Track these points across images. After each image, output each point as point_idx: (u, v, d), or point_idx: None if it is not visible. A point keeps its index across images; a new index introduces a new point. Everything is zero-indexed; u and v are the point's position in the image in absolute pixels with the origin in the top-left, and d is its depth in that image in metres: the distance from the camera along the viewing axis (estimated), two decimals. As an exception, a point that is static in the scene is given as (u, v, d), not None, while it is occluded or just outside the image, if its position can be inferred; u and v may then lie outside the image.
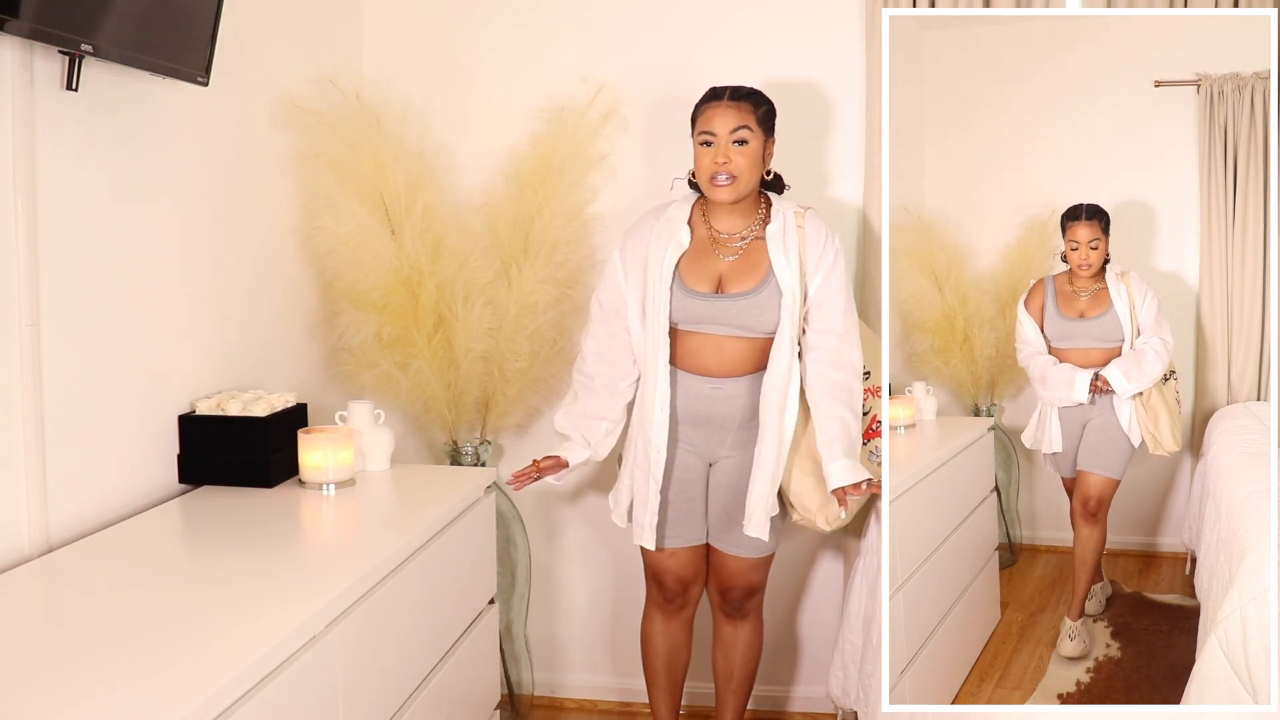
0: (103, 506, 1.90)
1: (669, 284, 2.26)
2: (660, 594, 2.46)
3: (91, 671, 1.28)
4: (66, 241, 1.80)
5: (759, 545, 2.35)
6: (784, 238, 2.24)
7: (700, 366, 2.29)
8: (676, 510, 2.36)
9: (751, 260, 2.27)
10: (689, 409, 2.31)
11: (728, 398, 2.29)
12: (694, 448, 2.34)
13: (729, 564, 2.39)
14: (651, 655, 2.53)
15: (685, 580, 2.43)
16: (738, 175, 2.20)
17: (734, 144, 2.20)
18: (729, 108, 2.21)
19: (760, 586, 2.45)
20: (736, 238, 2.29)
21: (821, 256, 2.25)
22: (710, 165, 2.21)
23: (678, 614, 2.48)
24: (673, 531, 2.37)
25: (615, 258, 2.36)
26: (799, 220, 2.27)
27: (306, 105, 2.50)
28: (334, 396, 2.69)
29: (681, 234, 2.28)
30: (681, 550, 2.39)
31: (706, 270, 2.28)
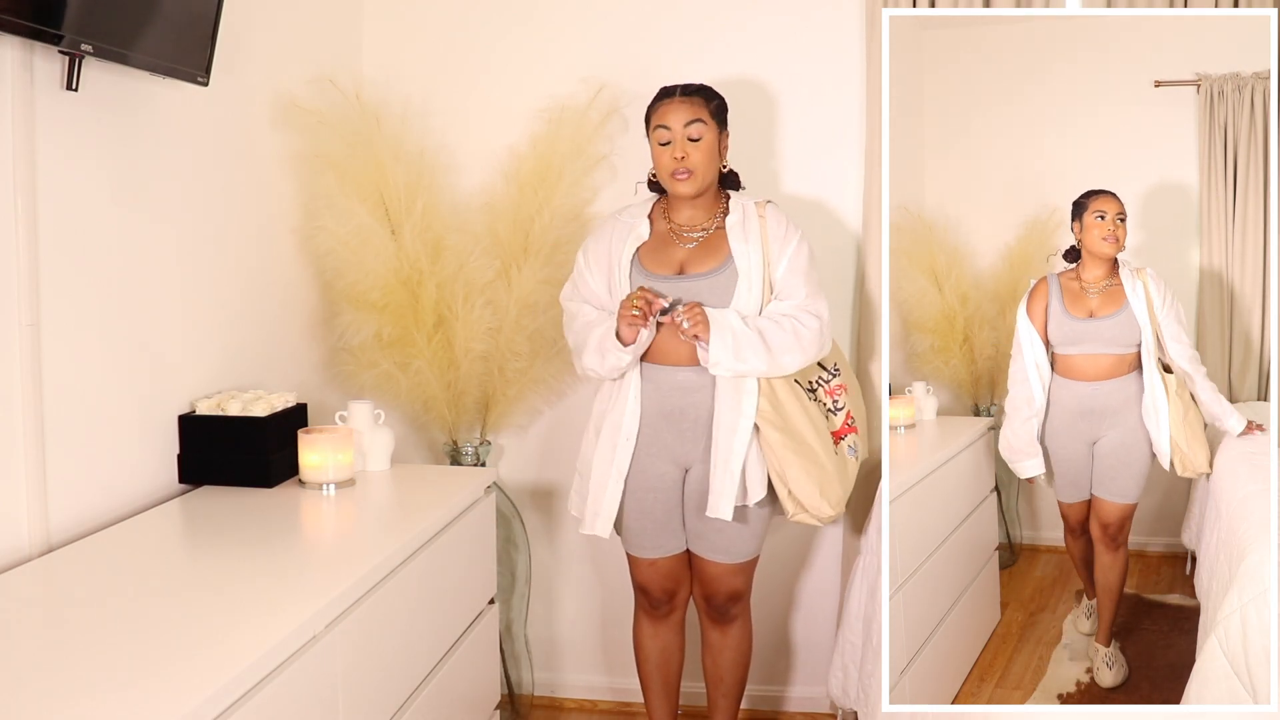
0: (103, 506, 1.90)
1: (628, 271, 2.29)
2: (647, 601, 2.46)
3: (91, 672, 1.28)
4: (66, 241, 1.81)
5: (739, 550, 2.33)
6: (744, 226, 2.29)
7: (667, 355, 2.27)
8: (653, 520, 2.34)
9: (712, 247, 2.31)
10: (661, 404, 2.29)
11: (698, 387, 2.27)
12: (667, 451, 2.30)
13: (709, 569, 2.38)
14: (643, 660, 2.52)
15: (670, 589, 2.43)
16: (694, 169, 2.26)
17: (689, 140, 2.25)
18: (681, 103, 2.28)
19: (744, 592, 2.42)
20: (697, 228, 2.33)
21: (784, 244, 2.28)
22: (670, 162, 2.27)
23: (665, 619, 2.48)
24: (651, 542, 2.36)
25: (580, 258, 2.40)
26: (759, 211, 2.32)
27: (306, 105, 2.50)
28: (334, 396, 2.69)
29: (641, 227, 2.34)
30: (663, 560, 2.39)
31: (667, 258, 2.31)
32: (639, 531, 2.36)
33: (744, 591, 2.42)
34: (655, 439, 2.31)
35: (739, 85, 2.77)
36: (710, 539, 2.34)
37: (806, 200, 2.79)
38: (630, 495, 2.33)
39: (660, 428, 2.31)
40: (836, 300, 2.79)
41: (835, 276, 2.79)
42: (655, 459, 2.31)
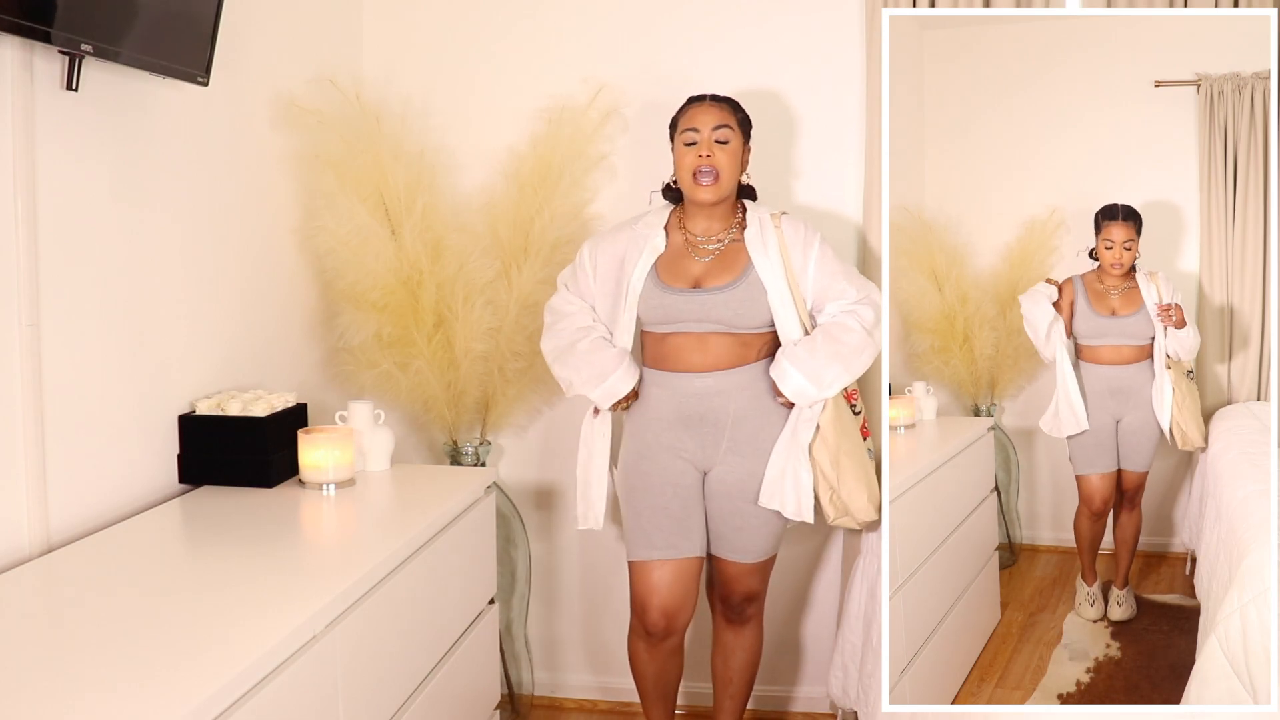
0: (103, 506, 1.90)
1: (640, 289, 2.28)
2: (642, 626, 2.33)
3: (91, 672, 1.28)
4: (66, 241, 1.80)
5: (760, 549, 2.34)
6: (762, 238, 2.28)
7: (685, 364, 2.29)
8: (670, 517, 2.28)
9: (728, 259, 2.30)
10: (681, 409, 2.29)
11: (718, 392, 2.27)
12: (687, 454, 2.30)
13: (730, 570, 2.37)
14: (639, 675, 2.43)
15: (671, 611, 2.29)
16: (720, 171, 2.25)
17: (716, 142, 2.26)
18: (711, 107, 2.29)
19: (761, 592, 2.43)
20: (713, 240, 2.32)
21: (806, 249, 2.29)
22: (694, 161, 2.26)
23: (661, 644, 2.35)
24: (664, 541, 2.28)
25: (585, 253, 2.38)
26: (775, 223, 2.31)
27: (306, 105, 2.50)
28: (334, 396, 2.69)
29: (657, 238, 2.32)
30: (671, 565, 2.27)
31: (683, 271, 2.30)
32: (652, 529, 2.28)
33: (760, 591, 2.42)
34: (675, 443, 2.30)
35: (739, 85, 2.77)
36: (731, 540, 2.33)
37: (806, 200, 2.79)
38: (646, 493, 2.30)
39: (679, 432, 2.30)
40: (836, 300, 2.79)
41: (835, 276, 2.79)
42: (675, 459, 2.30)
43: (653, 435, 2.31)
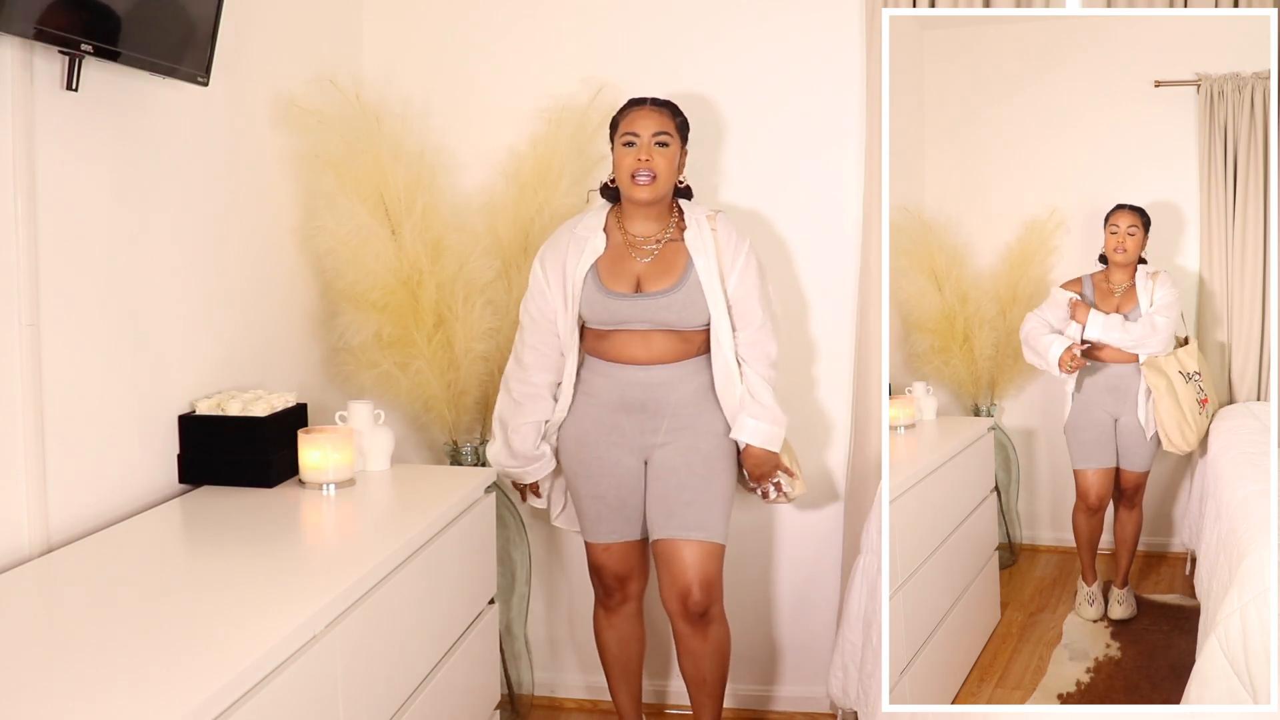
0: (103, 506, 1.90)
1: (580, 289, 2.36)
2: (600, 586, 2.54)
3: (91, 672, 1.28)
4: (66, 241, 1.80)
5: (710, 526, 2.35)
6: (700, 238, 2.36)
7: (628, 357, 2.38)
8: (608, 506, 2.42)
9: (668, 260, 2.37)
10: (623, 396, 2.38)
11: (661, 383, 2.37)
12: (625, 440, 2.39)
13: (682, 556, 2.35)
14: (603, 649, 2.60)
15: (622, 576, 2.50)
16: (657, 174, 2.31)
17: (655, 145, 2.32)
18: (651, 112, 2.35)
19: (718, 582, 2.40)
20: (651, 240, 2.39)
21: (735, 258, 2.38)
22: (632, 163, 2.32)
23: (619, 609, 2.55)
24: (607, 527, 2.45)
25: (536, 268, 2.44)
26: (711, 224, 2.39)
27: (306, 105, 2.50)
28: (334, 396, 2.69)
29: (596, 240, 2.39)
30: (616, 545, 2.47)
31: (624, 272, 2.37)
32: (596, 517, 2.45)
33: (717, 580, 2.39)
34: (614, 429, 2.39)
35: (739, 84, 2.77)
36: (682, 515, 2.35)
37: (806, 200, 2.79)
38: (587, 483, 2.43)
39: (620, 417, 2.38)
40: (837, 300, 2.79)
41: (835, 276, 2.79)
42: (613, 448, 2.39)
43: (591, 420, 2.41)
